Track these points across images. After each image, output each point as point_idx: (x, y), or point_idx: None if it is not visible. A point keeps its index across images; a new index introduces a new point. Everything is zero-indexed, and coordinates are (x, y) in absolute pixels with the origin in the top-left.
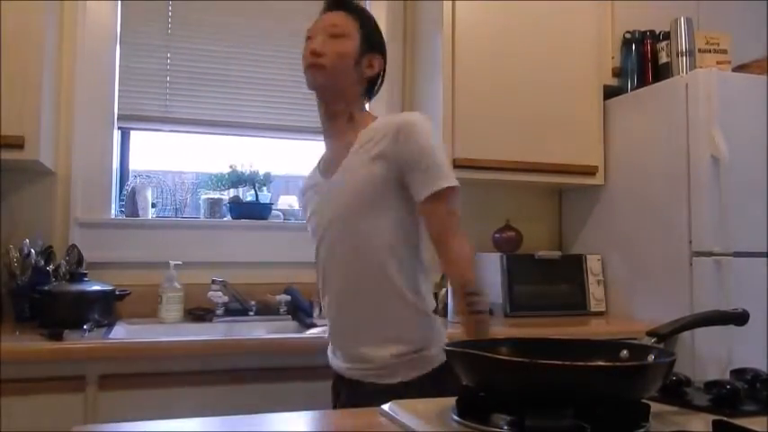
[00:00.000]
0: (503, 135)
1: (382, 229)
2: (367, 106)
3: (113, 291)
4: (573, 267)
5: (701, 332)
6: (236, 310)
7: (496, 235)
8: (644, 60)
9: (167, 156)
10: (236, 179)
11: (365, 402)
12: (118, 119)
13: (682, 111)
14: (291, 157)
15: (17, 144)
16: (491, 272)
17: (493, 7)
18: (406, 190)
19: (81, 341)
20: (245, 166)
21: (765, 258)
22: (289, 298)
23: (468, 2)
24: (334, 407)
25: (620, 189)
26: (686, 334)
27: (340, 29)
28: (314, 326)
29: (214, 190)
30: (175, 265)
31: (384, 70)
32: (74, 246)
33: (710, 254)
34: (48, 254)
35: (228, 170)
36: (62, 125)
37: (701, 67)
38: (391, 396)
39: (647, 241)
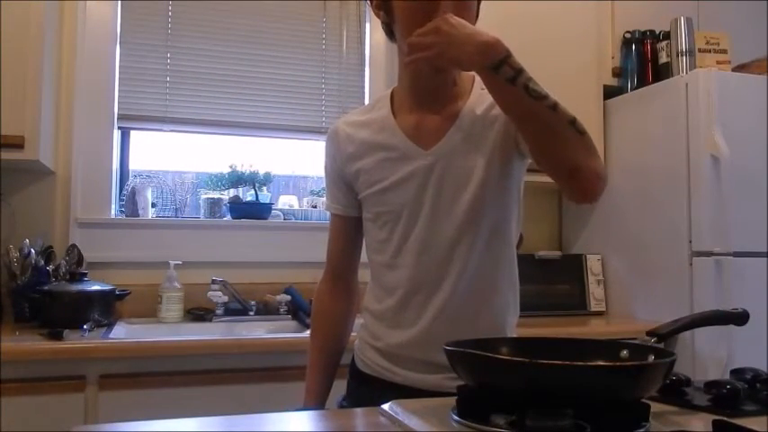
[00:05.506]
0: None
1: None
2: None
3: (113, 291)
4: (573, 267)
5: (700, 332)
6: (236, 310)
7: None
8: (644, 60)
9: (167, 156)
10: (236, 179)
11: None
12: (118, 119)
13: (682, 111)
14: (291, 157)
15: (17, 144)
16: None
17: (492, 7)
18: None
19: (81, 341)
20: (245, 166)
21: (765, 258)
22: (289, 298)
23: None
24: None
25: (620, 189)
26: (686, 334)
27: None
28: None
29: (214, 190)
30: (175, 264)
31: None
32: (74, 246)
33: (710, 254)
34: (48, 254)
35: (228, 170)
36: (62, 125)
37: (700, 67)
38: None
39: (647, 241)
